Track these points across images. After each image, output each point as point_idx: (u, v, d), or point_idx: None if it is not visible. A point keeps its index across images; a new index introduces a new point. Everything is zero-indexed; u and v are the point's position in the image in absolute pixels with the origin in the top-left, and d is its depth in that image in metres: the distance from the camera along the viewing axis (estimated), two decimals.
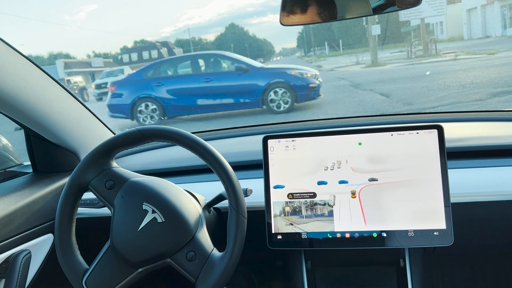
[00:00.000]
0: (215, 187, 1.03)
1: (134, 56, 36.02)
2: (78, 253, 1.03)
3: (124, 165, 1.52)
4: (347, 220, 1.11)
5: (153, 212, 0.98)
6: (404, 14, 18.52)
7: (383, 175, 1.10)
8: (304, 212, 1.13)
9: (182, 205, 1.00)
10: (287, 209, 1.14)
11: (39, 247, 1.22)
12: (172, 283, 1.48)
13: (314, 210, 1.13)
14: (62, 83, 1.34)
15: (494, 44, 18.90)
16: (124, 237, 0.98)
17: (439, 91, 8.15)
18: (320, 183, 1.13)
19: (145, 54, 35.44)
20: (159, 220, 0.97)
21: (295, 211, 1.14)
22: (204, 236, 0.99)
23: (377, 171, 1.11)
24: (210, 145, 1.00)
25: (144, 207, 0.98)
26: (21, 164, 1.48)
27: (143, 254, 0.97)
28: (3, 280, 1.12)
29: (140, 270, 0.99)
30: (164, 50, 35.67)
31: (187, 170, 1.44)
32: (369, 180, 1.11)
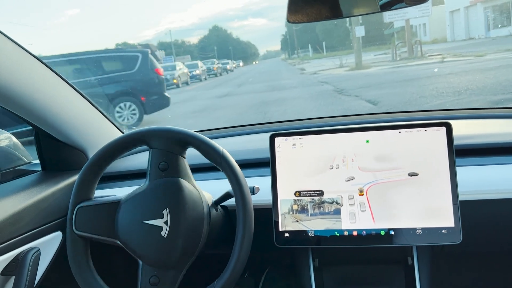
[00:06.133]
0: (223, 185, 1.03)
1: None
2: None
3: (130, 164, 1.53)
4: (355, 218, 1.11)
5: (165, 223, 0.98)
6: (388, 15, 18.07)
7: (391, 173, 1.10)
8: (311, 210, 1.13)
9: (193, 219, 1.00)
10: (295, 207, 1.14)
11: (49, 245, 1.23)
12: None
13: (321, 208, 1.13)
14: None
15: (479, 45, 18.43)
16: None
17: (432, 99, 7.52)
18: (327, 181, 1.13)
19: None
20: (163, 234, 0.98)
21: (303, 209, 1.14)
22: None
23: (384, 169, 1.10)
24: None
25: (164, 212, 0.99)
26: (30, 162, 1.49)
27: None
28: (13, 278, 1.13)
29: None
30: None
31: (195, 168, 1.44)
32: (376, 178, 1.10)
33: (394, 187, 1.09)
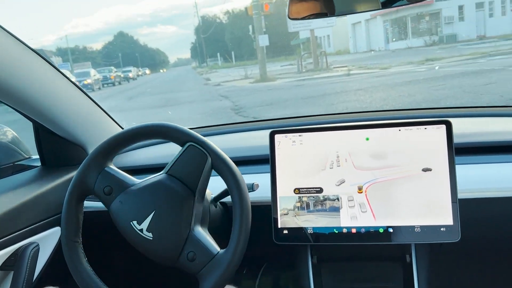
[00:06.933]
0: (223, 182, 1.03)
1: None
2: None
3: (130, 160, 1.53)
4: (354, 216, 1.11)
5: (141, 231, 0.97)
6: (293, 25, 17.89)
7: (390, 171, 1.10)
8: (310, 207, 1.13)
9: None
10: (294, 204, 1.14)
11: (47, 240, 1.23)
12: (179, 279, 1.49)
13: (320, 205, 1.13)
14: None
15: (380, 58, 18.35)
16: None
17: None
18: (327, 178, 1.13)
19: None
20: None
21: (302, 206, 1.14)
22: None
23: (384, 166, 1.10)
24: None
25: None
26: (29, 157, 1.49)
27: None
28: (12, 273, 1.13)
29: None
30: None
31: None
32: (376, 176, 1.10)
33: (393, 185, 1.09)
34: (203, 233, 0.98)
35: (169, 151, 1.54)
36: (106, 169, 1.02)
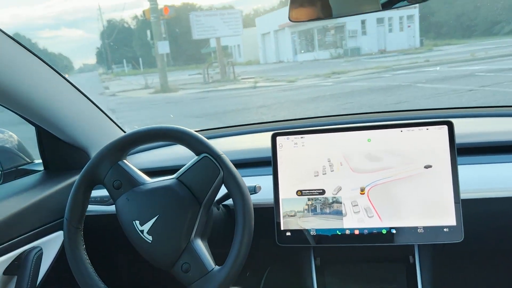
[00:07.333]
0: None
1: None
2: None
3: (136, 162, 1.53)
4: (356, 217, 1.11)
5: (141, 232, 0.97)
6: (197, 32, 17.26)
7: (392, 172, 1.10)
8: (313, 209, 1.13)
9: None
10: (296, 206, 1.14)
11: (51, 244, 1.23)
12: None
13: (323, 207, 1.13)
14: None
15: (288, 69, 17.98)
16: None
17: None
18: (329, 180, 1.13)
19: None
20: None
21: (304, 208, 1.14)
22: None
23: (386, 167, 1.10)
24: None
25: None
26: (32, 162, 1.49)
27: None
28: (15, 277, 1.13)
29: None
30: None
31: None
32: (378, 177, 1.10)
33: (396, 186, 1.09)
34: (201, 246, 0.98)
35: (177, 153, 1.54)
36: (120, 163, 1.03)
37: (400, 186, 1.09)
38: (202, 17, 18.28)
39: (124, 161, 1.04)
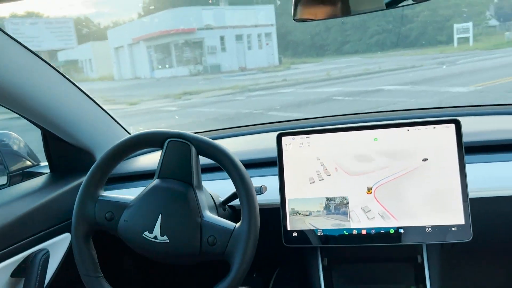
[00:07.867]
0: (231, 185, 1.03)
1: None
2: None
3: (136, 166, 1.53)
4: (363, 217, 1.10)
5: (155, 238, 0.98)
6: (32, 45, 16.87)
7: (399, 171, 1.09)
8: (320, 209, 1.13)
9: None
10: (303, 206, 1.14)
11: (57, 246, 1.23)
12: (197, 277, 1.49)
13: (330, 207, 1.12)
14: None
15: (145, 86, 17.03)
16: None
17: None
18: (335, 179, 1.12)
19: None
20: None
21: (311, 208, 1.13)
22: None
23: (393, 166, 1.09)
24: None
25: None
26: (38, 164, 1.50)
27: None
28: (23, 279, 1.14)
29: None
30: None
31: (203, 168, 1.44)
32: (385, 176, 1.09)
33: (403, 185, 1.08)
34: (214, 217, 1.00)
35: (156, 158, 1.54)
36: (100, 198, 1.04)
37: (407, 185, 1.08)
38: (20, 25, 16.40)
39: (103, 194, 1.05)
